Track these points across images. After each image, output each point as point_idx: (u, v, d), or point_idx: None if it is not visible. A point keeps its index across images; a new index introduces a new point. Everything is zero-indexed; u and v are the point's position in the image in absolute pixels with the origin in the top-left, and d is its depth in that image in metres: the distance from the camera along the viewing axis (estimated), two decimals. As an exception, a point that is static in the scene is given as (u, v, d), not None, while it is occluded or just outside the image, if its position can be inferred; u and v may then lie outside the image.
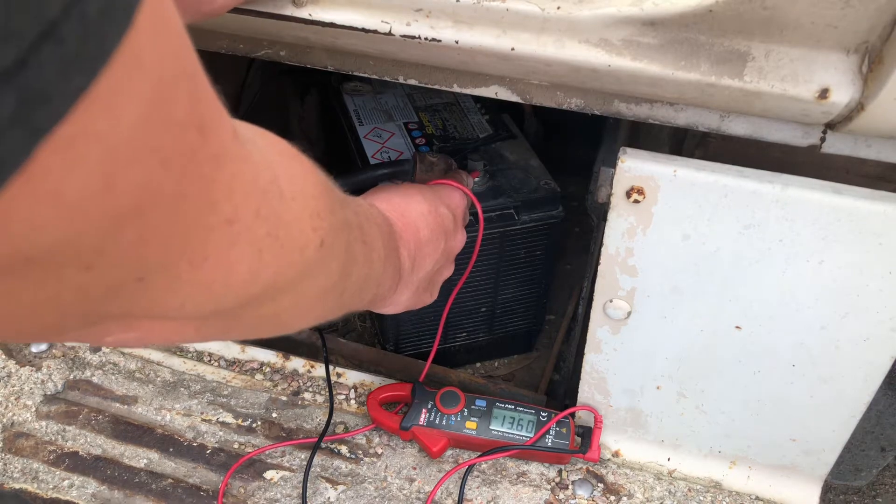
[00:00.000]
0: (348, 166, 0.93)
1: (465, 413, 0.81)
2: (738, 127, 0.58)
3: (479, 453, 0.81)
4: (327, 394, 0.88)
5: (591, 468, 0.82)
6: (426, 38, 0.54)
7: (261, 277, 0.32)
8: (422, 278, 0.63)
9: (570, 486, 0.79)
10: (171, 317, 0.31)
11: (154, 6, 0.21)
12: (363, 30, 0.55)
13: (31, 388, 0.89)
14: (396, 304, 0.63)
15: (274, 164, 0.33)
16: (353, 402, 0.88)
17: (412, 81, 0.64)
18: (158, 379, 0.91)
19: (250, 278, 0.32)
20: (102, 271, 0.24)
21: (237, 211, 0.29)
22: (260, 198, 0.30)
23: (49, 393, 0.89)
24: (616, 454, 0.82)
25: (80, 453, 0.83)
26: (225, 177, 0.27)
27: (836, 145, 0.57)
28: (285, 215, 0.33)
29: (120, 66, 0.20)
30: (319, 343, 0.91)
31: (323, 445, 0.83)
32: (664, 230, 0.64)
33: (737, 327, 0.68)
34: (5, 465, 0.81)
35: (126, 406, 0.88)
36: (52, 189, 0.20)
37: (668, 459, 0.81)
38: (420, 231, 0.61)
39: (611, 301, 0.70)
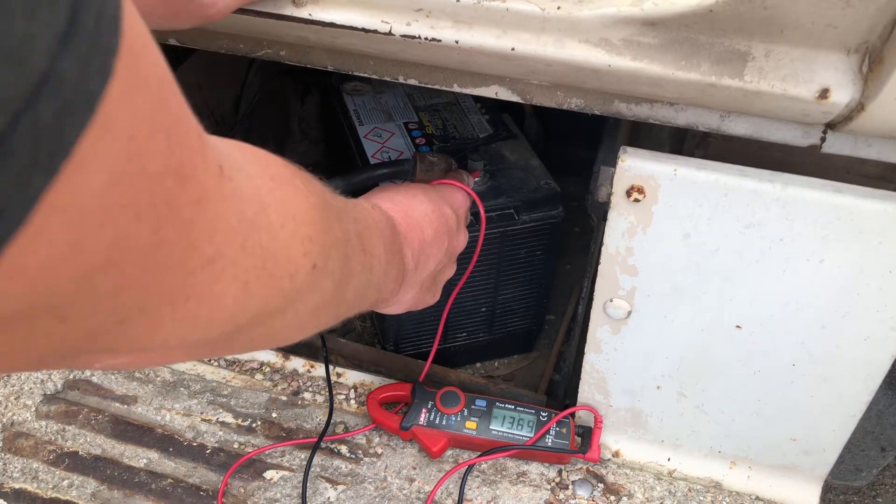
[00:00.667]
0: (348, 166, 0.93)
1: (465, 413, 0.81)
2: (738, 127, 0.58)
3: (479, 453, 0.81)
4: (327, 394, 0.88)
5: (591, 468, 0.82)
6: (426, 38, 0.54)
7: (248, 308, 0.32)
8: (425, 278, 0.63)
9: (570, 486, 0.79)
10: (157, 349, 0.30)
11: (130, 68, 0.21)
12: (363, 30, 0.55)
13: (30, 388, 0.89)
14: (400, 304, 0.63)
15: (263, 191, 0.32)
16: (353, 402, 0.88)
17: (412, 81, 0.64)
18: (158, 379, 0.91)
19: (237, 310, 0.31)
20: (78, 321, 0.23)
21: (220, 249, 0.28)
22: (246, 231, 0.30)
23: (49, 392, 0.89)
24: (616, 454, 0.82)
25: (80, 453, 0.83)
26: (206, 218, 0.27)
27: (837, 145, 0.57)
28: (273, 245, 0.32)
29: (85, 147, 0.19)
30: (319, 343, 0.91)
31: (323, 445, 0.83)
32: (664, 229, 0.64)
33: (737, 327, 0.68)
34: (5, 464, 0.81)
35: (126, 406, 0.88)
36: (12, 264, 0.19)
37: (669, 459, 0.81)
38: (424, 230, 0.61)
39: (611, 301, 0.70)
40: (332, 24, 0.56)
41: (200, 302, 0.28)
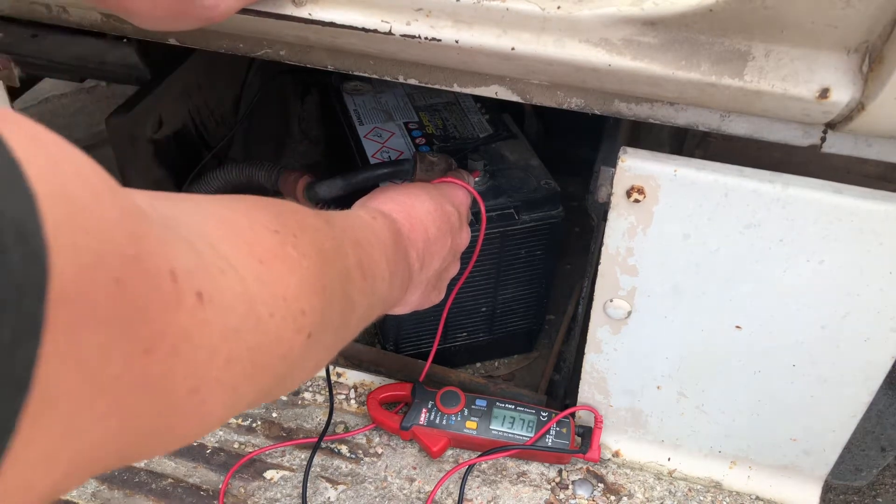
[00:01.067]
0: (348, 166, 0.93)
1: (466, 413, 0.81)
2: (738, 127, 0.58)
3: (479, 453, 0.81)
4: (327, 393, 0.88)
5: (591, 468, 0.82)
6: (426, 38, 0.54)
7: (240, 404, 0.32)
8: (430, 276, 0.63)
9: (570, 486, 0.79)
10: (154, 455, 0.32)
11: (74, 286, 0.21)
12: (363, 29, 0.55)
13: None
14: (407, 304, 0.63)
15: (249, 282, 0.32)
16: (353, 401, 0.88)
17: (412, 81, 0.64)
18: (158, 379, 0.90)
19: (231, 411, 0.32)
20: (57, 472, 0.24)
21: (202, 377, 0.28)
22: (230, 343, 0.30)
23: (49, 393, 0.89)
24: (616, 454, 0.82)
25: (80, 453, 0.83)
26: (183, 359, 0.27)
27: (837, 145, 0.57)
28: (263, 339, 0.32)
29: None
30: (319, 343, 0.91)
31: (323, 445, 0.83)
32: (665, 230, 0.64)
33: (737, 327, 0.68)
34: (5, 464, 0.81)
35: (126, 406, 0.88)
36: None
37: (669, 459, 0.81)
38: (428, 229, 0.61)
39: (611, 301, 0.70)
40: (332, 24, 0.56)
41: (187, 425, 0.29)
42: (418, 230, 0.60)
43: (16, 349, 0.19)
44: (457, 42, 0.54)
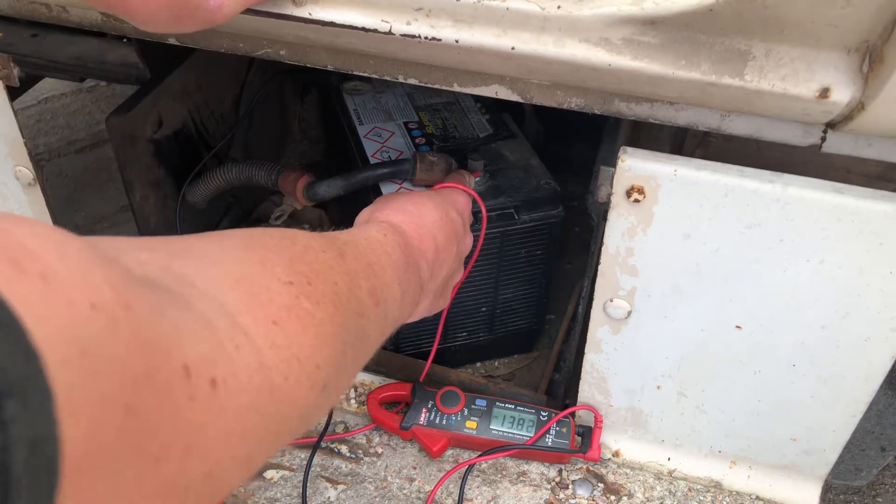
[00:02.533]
0: (348, 166, 0.93)
1: (466, 413, 0.81)
2: (738, 126, 0.58)
3: (479, 453, 0.81)
4: (327, 393, 0.88)
5: (591, 468, 0.82)
6: (426, 38, 0.54)
7: (255, 469, 0.32)
8: (438, 285, 0.63)
9: (570, 486, 0.79)
10: None
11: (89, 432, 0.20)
12: (363, 29, 0.55)
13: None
14: (415, 314, 0.63)
15: (264, 353, 0.32)
16: (353, 401, 0.88)
17: (412, 81, 0.64)
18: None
19: (245, 477, 0.31)
20: None
21: (217, 459, 0.28)
22: (245, 421, 0.29)
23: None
24: (616, 454, 0.82)
25: (80, 453, 0.82)
26: (199, 451, 0.26)
27: (837, 145, 0.57)
28: (276, 407, 0.32)
29: None
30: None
31: (323, 445, 0.83)
32: (665, 229, 0.64)
33: (737, 327, 0.68)
34: (5, 464, 0.81)
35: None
36: None
37: (669, 459, 0.81)
38: (437, 239, 0.61)
39: (611, 300, 0.70)
40: (332, 24, 0.56)
41: (202, 501, 0.28)
42: (427, 240, 0.60)
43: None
44: (457, 42, 0.54)
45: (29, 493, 0.18)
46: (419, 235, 0.59)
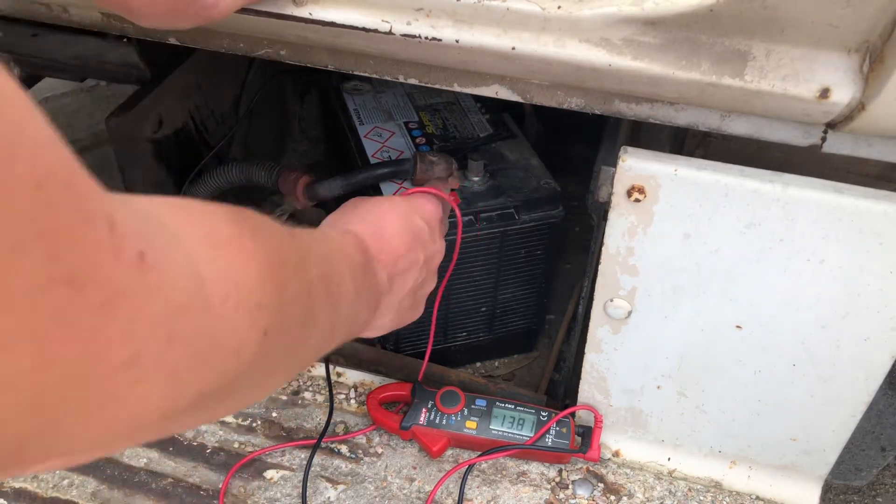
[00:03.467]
0: (348, 166, 0.93)
1: (466, 413, 0.81)
2: (738, 127, 0.58)
3: (479, 453, 0.81)
4: (327, 393, 0.88)
5: (591, 468, 0.82)
6: (426, 38, 0.54)
7: (183, 397, 0.29)
8: (404, 297, 0.61)
9: (570, 486, 0.79)
10: (84, 451, 0.28)
11: None
12: (363, 29, 0.55)
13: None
14: (379, 328, 0.61)
15: (201, 264, 0.30)
16: (353, 401, 0.88)
17: (412, 81, 0.64)
18: (158, 378, 0.90)
19: (170, 403, 0.28)
20: None
21: (140, 348, 0.25)
22: (174, 321, 0.27)
23: (49, 392, 0.89)
24: (616, 454, 0.82)
25: (80, 453, 0.83)
26: (119, 319, 0.24)
27: (837, 145, 0.57)
28: (212, 325, 0.30)
29: None
30: (319, 342, 0.91)
31: (323, 445, 0.83)
32: (665, 229, 0.64)
33: (737, 327, 0.68)
34: (5, 464, 0.81)
35: (126, 405, 0.88)
36: None
37: (669, 459, 0.81)
38: (397, 249, 0.59)
39: (611, 300, 0.70)
40: (332, 24, 0.56)
41: (120, 406, 0.26)
42: (387, 251, 0.58)
43: None
44: (457, 42, 0.54)
45: None
46: (378, 246, 0.57)
